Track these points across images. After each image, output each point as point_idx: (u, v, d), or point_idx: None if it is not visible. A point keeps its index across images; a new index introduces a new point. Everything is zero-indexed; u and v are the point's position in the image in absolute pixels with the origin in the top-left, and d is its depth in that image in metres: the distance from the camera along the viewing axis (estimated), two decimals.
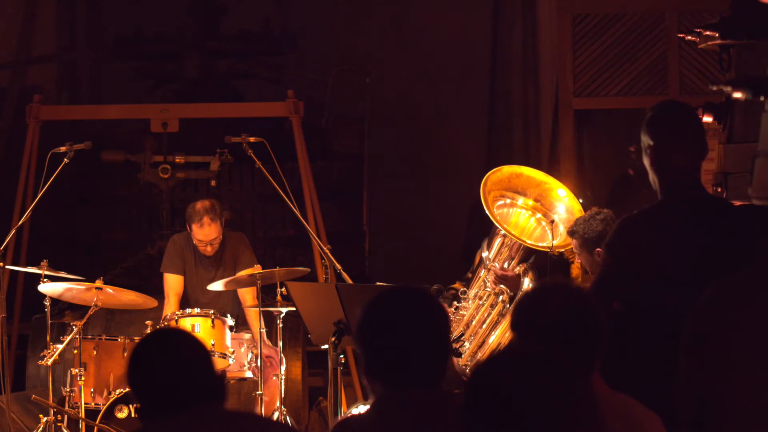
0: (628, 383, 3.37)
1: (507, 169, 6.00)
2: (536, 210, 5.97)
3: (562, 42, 8.05)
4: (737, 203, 4.50)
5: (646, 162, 4.03)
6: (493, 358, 2.39)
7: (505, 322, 5.85)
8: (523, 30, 9.74)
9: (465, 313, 5.99)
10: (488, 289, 5.90)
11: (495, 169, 5.96)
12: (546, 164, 8.69)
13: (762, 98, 5.00)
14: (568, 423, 2.25)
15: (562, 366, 2.32)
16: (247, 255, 6.87)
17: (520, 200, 5.97)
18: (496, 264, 5.83)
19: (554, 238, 5.69)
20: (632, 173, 8.23)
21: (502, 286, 5.82)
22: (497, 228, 5.79)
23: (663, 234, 3.94)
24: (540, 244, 5.79)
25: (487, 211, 5.74)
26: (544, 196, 5.95)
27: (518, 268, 5.81)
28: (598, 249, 5.32)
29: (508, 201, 5.99)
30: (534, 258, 5.82)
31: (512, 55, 9.96)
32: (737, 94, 5.06)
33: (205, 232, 6.68)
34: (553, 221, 5.79)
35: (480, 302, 5.93)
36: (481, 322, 5.92)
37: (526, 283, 5.72)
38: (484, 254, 5.92)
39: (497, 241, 5.86)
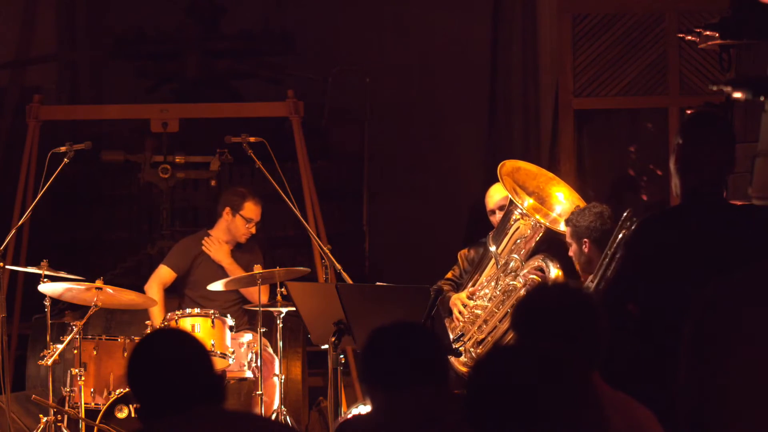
0: (637, 383, 3.37)
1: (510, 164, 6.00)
2: (536, 210, 5.95)
3: (562, 42, 8.04)
4: (737, 203, 4.51)
5: (671, 160, 4.02)
6: (495, 354, 2.36)
7: None
8: (523, 30, 9.72)
9: (479, 311, 5.94)
10: (509, 281, 5.83)
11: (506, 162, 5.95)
12: (546, 164, 8.67)
13: (762, 98, 5.00)
14: (573, 422, 2.22)
15: (566, 363, 2.29)
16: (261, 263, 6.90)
17: (520, 208, 5.90)
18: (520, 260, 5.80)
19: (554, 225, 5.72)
20: (632, 173, 8.22)
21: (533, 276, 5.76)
22: (510, 217, 5.76)
23: (680, 236, 3.94)
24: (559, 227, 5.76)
25: (509, 193, 5.71)
26: (542, 188, 5.95)
27: (535, 260, 5.76)
28: (585, 239, 5.34)
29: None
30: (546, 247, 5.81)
31: (512, 55, 9.94)
32: (737, 94, 5.06)
33: (260, 210, 6.97)
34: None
35: (503, 297, 5.86)
36: (499, 318, 5.88)
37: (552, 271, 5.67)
38: (492, 248, 5.89)
39: (512, 229, 5.81)
